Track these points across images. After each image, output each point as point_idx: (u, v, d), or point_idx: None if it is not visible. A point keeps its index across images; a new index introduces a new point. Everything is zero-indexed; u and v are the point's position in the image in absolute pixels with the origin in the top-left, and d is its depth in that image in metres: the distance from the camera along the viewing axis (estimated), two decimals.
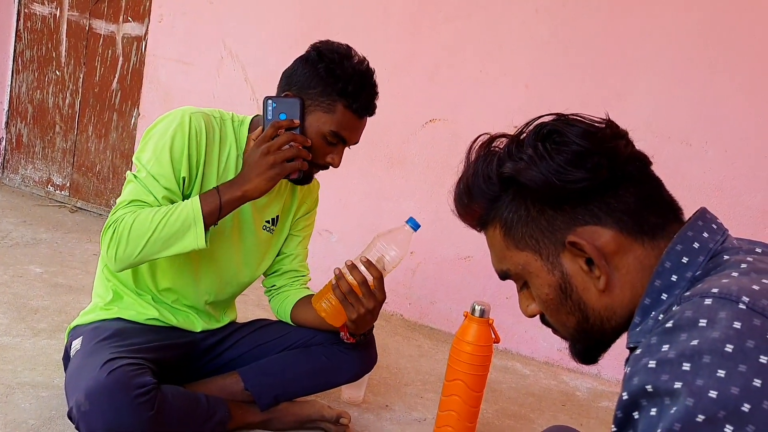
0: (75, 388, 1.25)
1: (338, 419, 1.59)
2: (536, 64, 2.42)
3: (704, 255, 0.73)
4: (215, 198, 1.31)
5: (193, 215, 1.28)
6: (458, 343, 1.59)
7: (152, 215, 1.28)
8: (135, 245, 1.28)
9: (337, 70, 1.34)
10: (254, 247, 1.55)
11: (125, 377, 1.23)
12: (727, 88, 2.20)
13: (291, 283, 1.63)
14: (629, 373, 0.63)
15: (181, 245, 1.29)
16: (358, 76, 1.35)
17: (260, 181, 1.31)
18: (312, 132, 1.35)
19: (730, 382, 0.56)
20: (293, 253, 1.64)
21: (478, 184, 0.80)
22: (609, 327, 0.77)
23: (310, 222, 1.67)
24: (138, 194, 1.32)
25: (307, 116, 1.35)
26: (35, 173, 3.57)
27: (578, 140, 0.73)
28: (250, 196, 1.33)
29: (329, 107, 1.34)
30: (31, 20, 3.48)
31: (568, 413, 2.05)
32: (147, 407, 1.23)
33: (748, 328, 0.59)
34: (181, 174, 1.35)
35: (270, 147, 1.31)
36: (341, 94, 1.33)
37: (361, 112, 1.37)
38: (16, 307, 2.03)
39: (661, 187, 0.79)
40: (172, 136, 1.33)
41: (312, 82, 1.35)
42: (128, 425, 1.22)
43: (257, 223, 1.53)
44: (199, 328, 1.56)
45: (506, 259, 0.81)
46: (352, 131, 1.38)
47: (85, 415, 1.20)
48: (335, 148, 1.39)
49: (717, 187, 2.23)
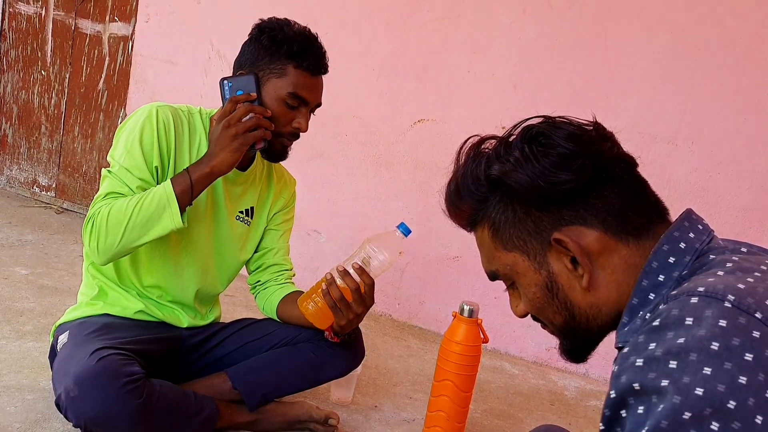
0: (64, 375, 1.26)
1: (327, 420, 1.59)
2: (524, 65, 2.43)
3: (690, 255, 0.73)
4: (185, 177, 1.34)
5: (166, 197, 1.32)
6: (447, 343, 1.59)
7: (127, 203, 1.31)
8: (114, 234, 1.31)
9: (278, 35, 1.39)
10: (229, 238, 1.56)
11: (115, 365, 1.25)
12: (713, 88, 2.22)
13: (275, 278, 1.64)
14: (617, 372, 0.64)
15: (160, 228, 1.32)
16: (301, 36, 1.39)
17: (226, 155, 1.34)
18: (270, 100, 1.39)
19: (717, 380, 0.57)
20: (274, 247, 1.65)
21: (467, 185, 0.81)
22: (595, 325, 0.78)
23: (289, 217, 1.68)
24: (113, 187, 1.36)
25: (263, 87, 1.40)
26: (21, 174, 3.53)
27: (564, 143, 0.74)
28: (218, 171, 1.36)
29: (281, 71, 1.39)
30: (16, 20, 3.45)
31: (557, 412, 2.06)
32: (135, 395, 1.24)
33: (733, 326, 0.60)
34: (153, 164, 1.38)
35: (230, 120, 1.35)
36: (288, 56, 1.38)
37: (312, 69, 1.40)
38: (1, 309, 2.01)
39: (647, 188, 0.80)
40: (141, 128, 1.37)
41: (259, 55, 1.40)
42: (116, 412, 1.23)
43: (230, 213, 1.55)
44: (185, 323, 1.57)
45: (495, 259, 0.82)
46: (309, 90, 1.41)
47: (73, 401, 1.22)
48: (298, 112, 1.42)
49: (702, 187, 2.25)
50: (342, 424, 1.66)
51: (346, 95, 2.72)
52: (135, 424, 1.26)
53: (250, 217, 1.59)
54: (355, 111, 2.71)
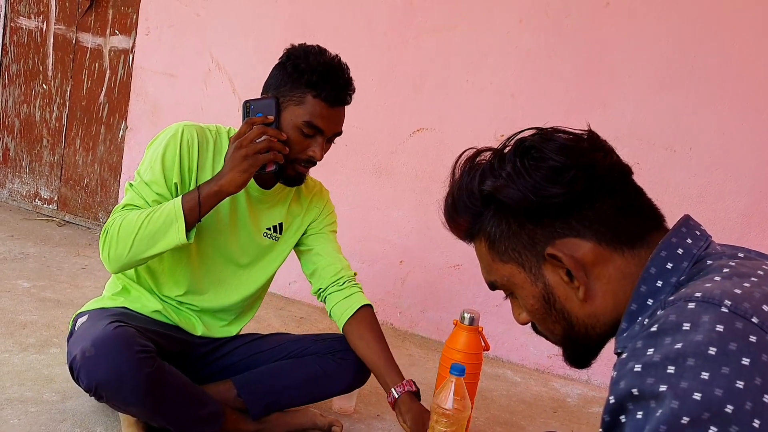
0: (81, 341, 1.31)
1: (330, 428, 1.59)
2: (521, 74, 2.45)
3: (688, 260, 0.74)
4: (194, 195, 1.37)
5: (174, 212, 1.35)
6: (448, 351, 1.60)
7: (138, 215, 1.36)
8: (124, 244, 1.35)
9: (302, 64, 1.41)
10: (255, 254, 1.58)
11: (131, 334, 1.30)
12: (710, 94, 2.23)
13: (335, 281, 1.61)
14: (616, 377, 0.65)
15: (166, 241, 1.35)
16: (323, 66, 1.41)
17: (234, 174, 1.36)
18: (287, 126, 1.41)
19: (714, 384, 0.57)
20: (321, 246, 1.64)
21: (463, 200, 0.82)
22: (594, 333, 0.79)
23: (329, 222, 1.69)
24: (131, 200, 1.41)
25: (283, 113, 1.42)
26: (23, 187, 3.55)
27: (555, 156, 0.75)
28: (226, 190, 1.37)
29: (299, 99, 1.41)
30: (18, 34, 3.47)
31: (560, 420, 2.06)
32: (147, 363, 1.28)
33: (730, 331, 0.60)
34: (173, 180, 1.42)
35: (242, 141, 1.37)
36: (308, 85, 1.40)
37: (330, 100, 1.41)
38: (4, 322, 2.02)
39: (642, 197, 0.80)
40: (165, 146, 1.42)
41: (282, 81, 1.43)
42: (127, 376, 1.26)
43: (256, 229, 1.56)
44: (199, 332, 1.59)
45: (493, 270, 0.83)
46: (325, 120, 1.42)
47: (88, 360, 1.26)
48: (314, 140, 1.43)
49: (701, 193, 2.26)
50: None
51: None
52: (144, 393, 1.28)
53: (278, 233, 1.61)
54: (354, 121, 2.71)
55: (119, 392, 1.29)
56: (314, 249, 1.64)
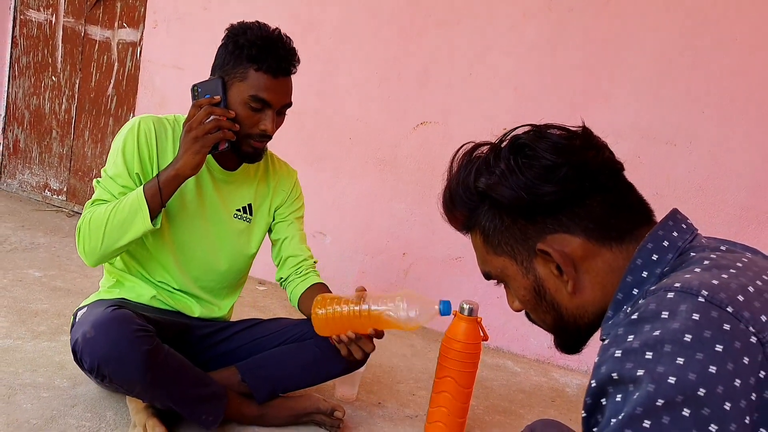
0: (82, 325, 1.37)
1: (333, 412, 1.63)
2: (524, 67, 2.47)
3: (673, 252, 0.77)
4: (154, 182, 1.42)
5: (137, 201, 1.41)
6: (447, 341, 1.63)
7: (105, 208, 1.42)
8: (96, 237, 1.41)
9: (240, 40, 1.43)
10: (228, 236, 1.63)
11: (128, 315, 1.37)
12: (711, 89, 2.25)
13: (296, 270, 1.67)
14: (598, 362, 0.68)
15: (134, 230, 1.41)
16: (262, 40, 1.43)
17: (188, 157, 1.40)
18: (235, 103, 1.44)
19: (688, 369, 0.61)
20: (287, 236, 1.69)
21: (459, 194, 0.85)
22: (582, 323, 0.82)
23: (295, 208, 1.72)
24: (99, 195, 1.48)
25: (229, 91, 1.45)
26: (32, 178, 3.60)
27: (548, 154, 0.78)
28: (183, 173, 1.42)
29: (242, 75, 1.43)
30: (27, 26, 3.52)
31: (558, 409, 2.10)
32: (146, 341, 1.34)
33: (706, 320, 0.64)
34: (135, 171, 1.48)
35: (191, 124, 1.41)
36: (249, 59, 1.42)
37: (273, 71, 1.43)
38: (16, 310, 2.07)
39: (632, 193, 0.83)
40: (124, 140, 1.49)
41: (225, 60, 1.46)
42: (127, 353, 1.32)
43: (226, 211, 1.61)
44: (197, 313, 1.64)
45: (487, 262, 0.87)
46: (271, 92, 1.44)
47: (89, 341, 1.33)
48: (264, 114, 1.46)
49: (701, 187, 2.28)
50: (346, 420, 1.71)
51: (349, 99, 2.77)
52: (143, 370, 1.33)
53: (249, 214, 1.65)
54: (359, 114, 2.76)
55: (120, 370, 1.34)
56: (280, 238, 1.69)
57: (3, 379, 1.63)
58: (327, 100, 2.81)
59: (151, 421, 1.40)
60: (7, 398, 1.54)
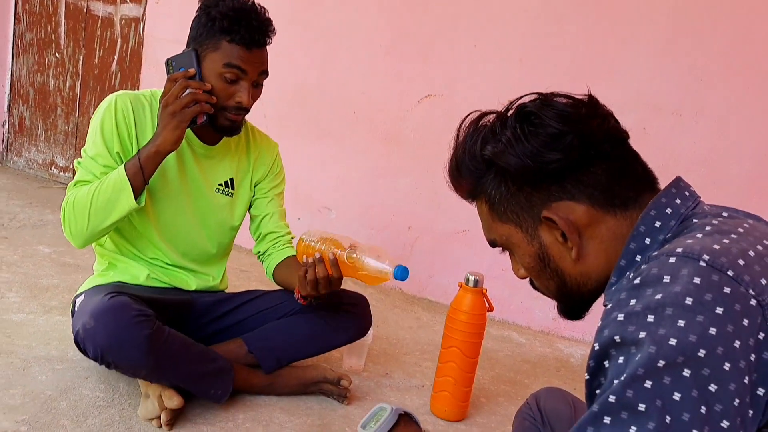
0: (81, 315, 1.39)
1: (339, 381, 1.66)
2: (529, 38, 2.46)
3: (675, 219, 0.78)
4: (135, 160, 1.42)
5: (121, 180, 1.40)
6: (453, 312, 1.66)
7: (89, 189, 1.42)
8: (81, 219, 1.42)
9: (213, 11, 1.42)
10: (211, 210, 1.64)
11: (126, 302, 1.38)
12: (717, 59, 2.23)
13: (274, 245, 1.71)
14: (601, 326, 0.70)
15: (119, 209, 1.42)
16: (234, 11, 1.41)
17: (167, 133, 1.40)
18: (210, 76, 1.43)
19: (689, 331, 0.62)
20: (267, 213, 1.71)
21: (465, 162, 0.86)
22: (586, 290, 0.84)
23: (276, 183, 1.73)
24: (81, 176, 1.47)
25: (203, 63, 1.44)
26: (39, 156, 3.62)
27: (553, 122, 0.78)
28: (163, 150, 1.41)
29: (215, 46, 1.42)
30: (29, 3, 3.50)
31: (563, 378, 2.13)
32: (146, 326, 1.36)
33: (707, 283, 0.65)
34: (115, 150, 1.48)
35: (168, 99, 1.40)
36: (222, 31, 1.41)
37: (246, 43, 1.42)
38: (28, 285, 2.10)
39: (637, 161, 0.83)
40: (101, 119, 1.48)
41: (199, 32, 1.45)
42: (127, 340, 1.34)
43: (208, 186, 1.62)
44: (194, 286, 1.67)
45: (492, 229, 0.88)
46: (245, 63, 1.43)
47: (89, 331, 1.35)
48: (239, 86, 1.45)
49: (706, 157, 2.28)
50: (354, 390, 1.74)
51: (353, 73, 2.76)
52: (146, 354, 1.36)
53: (231, 188, 1.66)
54: (363, 88, 2.75)
55: (123, 356, 1.36)
56: (260, 215, 1.71)
57: (18, 352, 1.66)
58: (330, 75, 2.81)
59: (168, 392, 1.42)
60: (23, 370, 1.58)
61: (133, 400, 1.52)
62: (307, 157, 2.88)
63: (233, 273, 2.59)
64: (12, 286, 2.08)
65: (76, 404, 1.47)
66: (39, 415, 1.41)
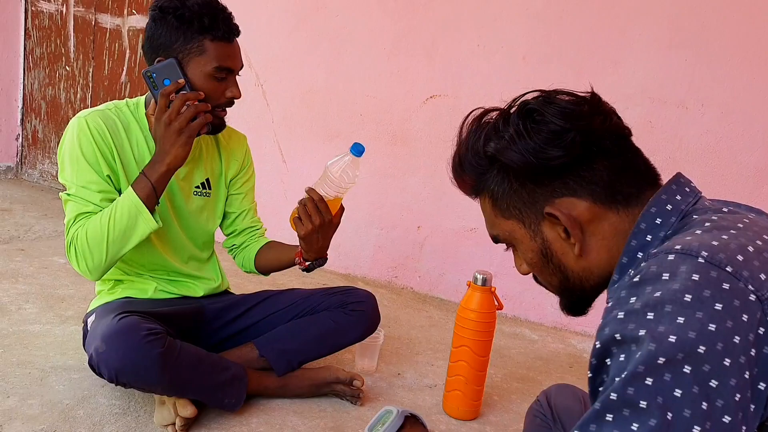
0: (93, 339, 1.38)
1: (352, 381, 1.67)
2: (532, 36, 2.46)
3: (676, 216, 0.78)
4: (146, 182, 1.39)
5: (135, 206, 1.38)
6: (462, 311, 1.66)
7: (100, 221, 1.38)
8: (99, 252, 1.39)
9: (185, 13, 1.38)
10: (192, 213, 1.64)
11: (135, 322, 1.37)
12: (721, 49, 2.22)
13: (249, 238, 1.74)
14: (602, 324, 0.70)
15: (138, 234, 1.40)
16: (205, 8, 1.39)
17: (177, 150, 1.38)
18: (198, 80, 1.41)
19: (688, 328, 0.63)
20: (243, 210, 1.73)
21: (468, 159, 0.87)
22: (588, 285, 0.84)
23: (247, 177, 1.74)
24: (79, 209, 1.41)
25: (187, 69, 1.40)
26: (52, 168, 3.66)
27: (556, 119, 0.79)
28: (174, 166, 1.41)
29: (199, 48, 1.39)
30: (39, 18, 3.55)
31: (576, 374, 2.13)
32: (157, 345, 1.35)
33: (705, 280, 0.65)
34: (105, 173, 1.43)
35: (170, 116, 1.37)
36: (201, 31, 1.38)
37: (227, 36, 1.41)
38: (44, 296, 2.13)
39: (638, 158, 0.84)
40: (78, 144, 1.41)
41: (172, 37, 1.39)
42: (140, 360, 1.34)
43: (186, 192, 1.62)
44: (201, 292, 1.69)
45: (495, 225, 0.89)
46: (231, 58, 1.43)
47: (102, 355, 1.34)
48: (228, 81, 1.44)
49: (714, 149, 2.26)
50: (367, 391, 1.75)
51: (358, 75, 2.77)
52: (160, 371, 1.36)
53: (208, 189, 1.66)
54: (368, 90, 2.76)
55: (138, 377, 1.37)
56: (235, 212, 1.73)
57: (35, 362, 1.69)
58: (336, 78, 2.82)
59: (182, 401, 1.44)
60: (40, 380, 1.61)
61: (149, 407, 1.54)
62: (315, 160, 2.89)
63: (246, 278, 2.61)
64: (29, 297, 2.12)
65: (93, 412, 1.50)
66: (57, 424, 1.43)
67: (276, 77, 2.91)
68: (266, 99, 2.92)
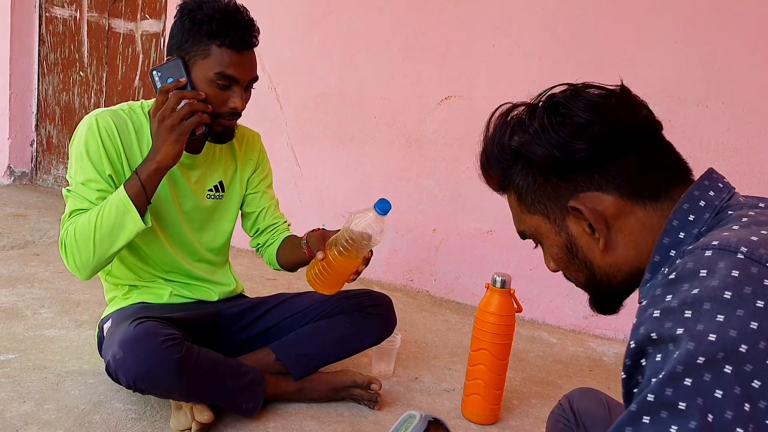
0: (110, 346, 1.37)
1: (370, 385, 1.65)
2: (548, 35, 2.43)
3: (710, 212, 0.76)
4: (135, 180, 1.36)
5: (122, 203, 1.35)
6: (481, 314, 1.63)
7: (88, 218, 1.36)
8: (86, 250, 1.36)
9: (198, 16, 1.36)
10: (203, 215, 1.62)
11: (153, 328, 1.35)
12: (740, 46, 2.18)
13: (272, 236, 1.71)
14: (636, 323, 0.67)
15: (126, 233, 1.36)
16: (220, 14, 1.36)
17: (167, 148, 1.34)
18: (201, 83, 1.38)
19: (729, 326, 0.60)
20: (262, 207, 1.70)
21: (494, 154, 0.85)
22: (615, 282, 0.82)
23: (264, 175, 1.72)
24: (75, 205, 1.40)
25: (192, 71, 1.38)
26: (67, 173, 3.68)
27: (581, 112, 0.77)
28: (164, 165, 1.36)
29: (205, 52, 1.37)
30: (53, 23, 3.57)
31: (596, 378, 2.09)
32: (174, 350, 1.34)
33: (745, 276, 0.63)
34: (107, 172, 1.41)
35: (164, 112, 1.33)
36: (210, 35, 1.35)
37: (236, 46, 1.37)
38: (59, 301, 2.13)
39: (669, 152, 0.82)
40: (85, 142, 1.40)
41: (183, 38, 1.38)
42: (158, 367, 1.32)
43: (199, 194, 1.59)
44: (216, 296, 1.67)
45: (521, 221, 0.88)
46: (237, 67, 1.38)
47: (119, 362, 1.33)
48: (231, 91, 1.40)
49: (735, 147, 2.22)
50: (384, 394, 1.73)
51: (372, 78, 2.76)
52: (177, 377, 1.35)
53: (222, 191, 1.64)
54: (383, 93, 2.75)
55: (156, 383, 1.35)
56: (256, 211, 1.70)
57: (51, 367, 1.69)
58: (350, 81, 2.81)
59: (199, 406, 1.43)
60: (56, 385, 1.60)
61: (165, 412, 1.53)
62: (330, 163, 2.89)
63: (259, 282, 2.60)
64: (44, 302, 2.12)
65: (108, 417, 1.48)
66: (73, 429, 1.42)
67: (289, 80, 2.90)
68: (279, 102, 2.92)
